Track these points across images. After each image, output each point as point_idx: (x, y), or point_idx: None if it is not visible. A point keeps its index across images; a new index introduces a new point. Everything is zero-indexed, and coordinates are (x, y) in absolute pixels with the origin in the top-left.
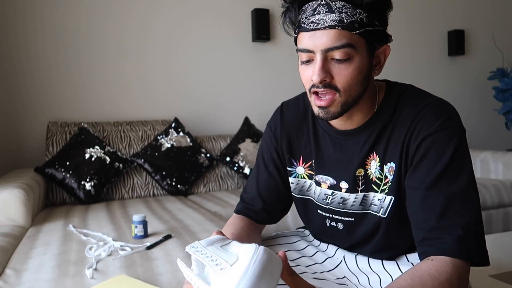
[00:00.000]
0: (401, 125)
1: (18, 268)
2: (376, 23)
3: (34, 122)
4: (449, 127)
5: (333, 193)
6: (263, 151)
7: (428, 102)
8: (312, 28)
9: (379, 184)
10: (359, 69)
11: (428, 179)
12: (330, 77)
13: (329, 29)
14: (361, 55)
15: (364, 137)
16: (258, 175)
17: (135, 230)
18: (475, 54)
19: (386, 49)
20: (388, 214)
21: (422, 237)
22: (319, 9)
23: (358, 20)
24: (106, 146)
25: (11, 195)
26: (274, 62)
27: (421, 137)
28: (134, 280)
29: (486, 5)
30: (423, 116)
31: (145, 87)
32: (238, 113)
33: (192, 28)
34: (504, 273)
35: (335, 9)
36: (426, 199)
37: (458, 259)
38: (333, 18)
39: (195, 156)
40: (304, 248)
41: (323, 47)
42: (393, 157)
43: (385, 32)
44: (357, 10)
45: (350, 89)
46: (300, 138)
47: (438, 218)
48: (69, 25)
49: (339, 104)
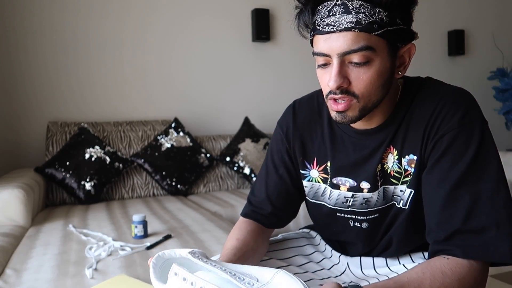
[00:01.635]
0: (419, 117)
1: (18, 268)
2: (398, 21)
3: (34, 122)
4: (470, 121)
5: (354, 195)
6: (273, 152)
7: (445, 92)
8: (328, 31)
9: (399, 178)
10: (379, 72)
11: (452, 177)
12: (348, 82)
13: (346, 32)
14: (381, 57)
15: (384, 134)
16: (267, 178)
17: (135, 230)
18: (475, 54)
19: (411, 48)
20: (408, 206)
21: (444, 237)
22: (334, 9)
23: (377, 20)
24: (106, 146)
25: (11, 195)
26: (274, 62)
27: (441, 133)
28: (134, 280)
29: (486, 5)
30: (442, 108)
31: (145, 87)
32: (238, 113)
33: (192, 28)
34: (504, 273)
35: (352, 9)
36: (450, 199)
37: (477, 261)
38: (350, 19)
39: (195, 156)
40: (312, 253)
41: (340, 51)
42: (413, 149)
43: (409, 30)
44: (376, 9)
45: (369, 94)
46: (314, 139)
47: (464, 219)
48: (68, 26)
49: (357, 108)
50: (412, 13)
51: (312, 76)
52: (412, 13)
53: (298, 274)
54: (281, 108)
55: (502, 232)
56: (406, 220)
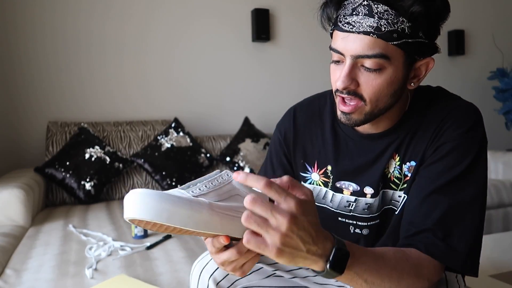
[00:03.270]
0: (427, 126)
1: (18, 268)
2: (420, 34)
3: (34, 122)
4: (473, 137)
5: (357, 199)
6: (271, 154)
7: (457, 105)
8: (347, 30)
9: (398, 184)
10: (389, 81)
11: (438, 182)
12: (356, 84)
13: (363, 35)
14: (395, 66)
15: (390, 140)
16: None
17: (135, 230)
18: (475, 54)
19: (430, 62)
20: (399, 211)
21: (414, 232)
22: (359, 9)
23: (398, 29)
24: (106, 146)
25: (11, 195)
26: (274, 62)
27: (443, 140)
28: (134, 280)
29: (486, 5)
30: (450, 119)
31: (145, 87)
32: (238, 113)
33: (192, 28)
34: (504, 273)
35: (376, 13)
36: (430, 199)
37: (434, 260)
38: (371, 23)
39: (195, 156)
40: None
41: (354, 53)
42: (415, 156)
43: (432, 44)
44: (400, 18)
45: (377, 100)
46: (315, 143)
47: (437, 221)
48: (68, 25)
49: (363, 112)
50: (441, 27)
51: (311, 76)
52: (440, 27)
53: (291, 271)
54: (281, 108)
55: (465, 244)
56: (397, 224)
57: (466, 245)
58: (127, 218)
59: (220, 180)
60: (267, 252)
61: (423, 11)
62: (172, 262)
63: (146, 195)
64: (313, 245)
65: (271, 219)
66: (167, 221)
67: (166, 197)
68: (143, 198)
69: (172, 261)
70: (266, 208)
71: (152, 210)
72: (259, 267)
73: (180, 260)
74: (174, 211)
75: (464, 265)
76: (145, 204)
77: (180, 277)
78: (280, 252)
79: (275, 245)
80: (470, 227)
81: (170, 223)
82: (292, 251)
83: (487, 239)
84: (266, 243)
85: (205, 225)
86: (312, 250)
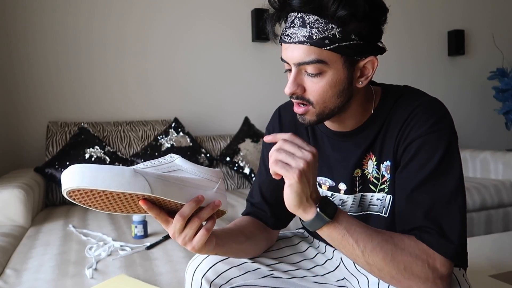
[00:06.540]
0: (394, 125)
1: (18, 268)
2: (353, 37)
3: (34, 122)
4: (440, 129)
5: (333, 195)
6: (264, 155)
7: (420, 102)
8: (286, 41)
9: (376, 184)
10: (332, 83)
11: (416, 180)
12: (303, 89)
13: (299, 44)
14: (335, 69)
15: (362, 138)
16: (260, 180)
17: (135, 230)
18: (475, 54)
19: (373, 61)
20: (389, 214)
21: (405, 230)
22: (294, 22)
23: (329, 35)
24: (106, 146)
25: (11, 195)
26: (274, 62)
27: (411, 138)
28: (134, 280)
29: (486, 5)
30: (415, 117)
31: (145, 87)
32: (238, 113)
33: (192, 28)
34: (504, 273)
35: (308, 23)
36: (412, 200)
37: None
38: (304, 33)
39: (195, 156)
40: (305, 250)
41: (295, 61)
42: (388, 156)
43: (370, 44)
44: (330, 25)
45: (324, 101)
46: None
47: (423, 217)
48: (68, 25)
49: (313, 114)
50: (382, 28)
51: None
52: (380, 28)
53: (289, 271)
54: None
55: (456, 235)
56: (389, 228)
57: (457, 235)
58: (63, 192)
59: (162, 160)
60: (290, 172)
61: (348, 14)
62: (172, 262)
63: (74, 168)
64: (313, 192)
65: (298, 152)
66: (90, 184)
67: (90, 166)
68: (71, 170)
69: (172, 261)
70: (294, 144)
71: (79, 178)
72: (256, 268)
73: (180, 260)
74: (97, 174)
75: (458, 256)
76: (72, 175)
77: (180, 277)
78: (300, 176)
79: (298, 167)
80: (457, 217)
81: (93, 186)
82: (305, 183)
83: (487, 239)
84: (291, 166)
85: (129, 185)
86: (312, 196)
